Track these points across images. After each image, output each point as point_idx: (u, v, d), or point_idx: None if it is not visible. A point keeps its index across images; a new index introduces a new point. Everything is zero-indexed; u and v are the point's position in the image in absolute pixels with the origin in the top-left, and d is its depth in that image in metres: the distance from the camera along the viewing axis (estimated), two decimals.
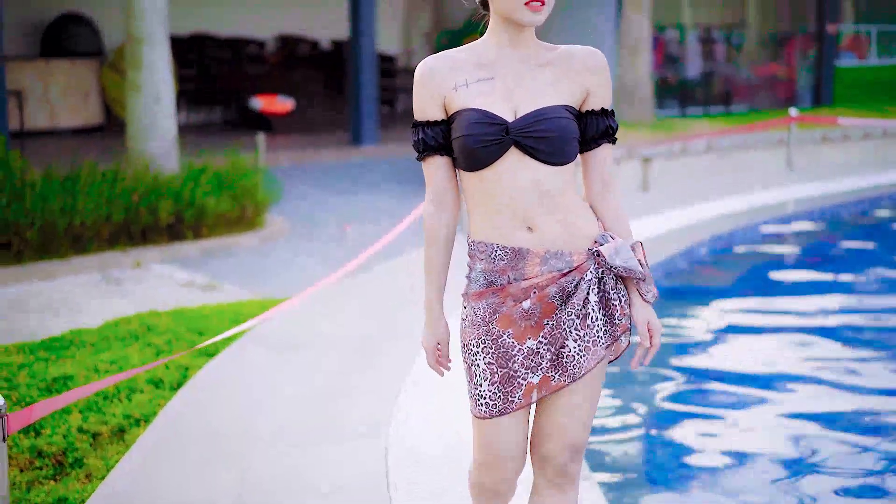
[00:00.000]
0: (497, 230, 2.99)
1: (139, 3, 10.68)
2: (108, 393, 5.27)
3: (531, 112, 2.96)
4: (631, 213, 10.22)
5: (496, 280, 3.00)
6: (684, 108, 19.94)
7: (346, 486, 4.32)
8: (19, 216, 9.11)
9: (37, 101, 17.05)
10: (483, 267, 3.02)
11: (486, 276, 3.01)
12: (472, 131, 2.93)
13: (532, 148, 2.94)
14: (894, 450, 5.31)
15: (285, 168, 14.52)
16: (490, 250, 3.00)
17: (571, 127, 2.99)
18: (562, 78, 3.02)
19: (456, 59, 3.04)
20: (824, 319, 7.69)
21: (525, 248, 2.98)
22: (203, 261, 9.77)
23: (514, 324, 2.98)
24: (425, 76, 3.03)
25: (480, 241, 3.02)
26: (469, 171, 3.00)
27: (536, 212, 2.97)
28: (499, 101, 2.98)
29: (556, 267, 2.98)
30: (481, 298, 3.01)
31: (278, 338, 6.42)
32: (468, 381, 3.07)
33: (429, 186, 3.10)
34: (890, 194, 12.18)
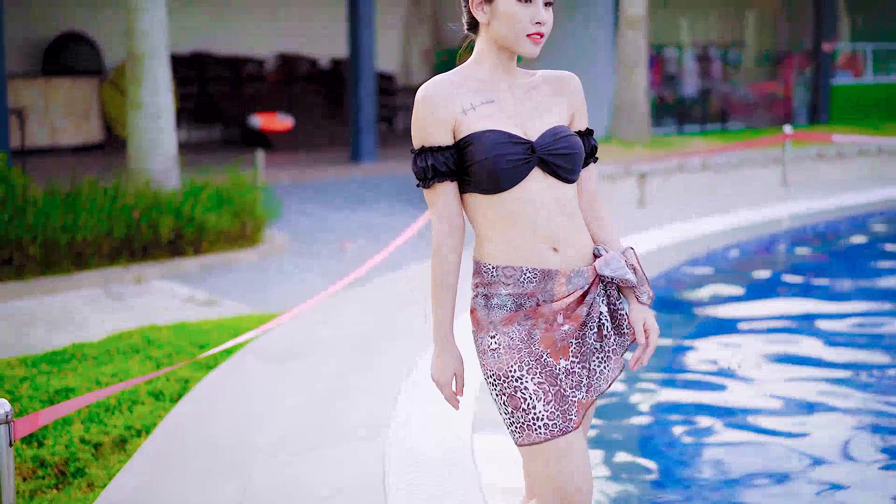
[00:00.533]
0: (523, 253, 2.98)
1: (140, 22, 10.77)
2: (110, 405, 5.35)
3: (546, 131, 3.00)
4: (628, 229, 10.36)
5: (525, 303, 2.99)
6: (682, 126, 20.04)
7: (345, 487, 4.39)
8: (21, 232, 9.19)
9: (38, 118, 17.16)
10: (510, 291, 2.99)
11: (514, 300, 2.99)
12: (498, 151, 2.92)
13: (556, 166, 2.97)
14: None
15: (285, 185, 14.62)
16: (519, 274, 2.98)
17: (579, 144, 3.05)
18: (552, 100, 3.08)
19: (454, 82, 3.04)
20: (817, 332, 7.76)
21: (553, 269, 2.98)
22: (203, 276, 9.85)
23: (553, 345, 2.98)
24: (433, 101, 2.98)
25: (506, 265, 2.99)
26: (489, 195, 2.97)
27: (560, 231, 2.99)
28: (507, 122, 3.00)
29: (578, 285, 3.01)
30: (513, 322, 2.99)
31: (278, 348, 6.49)
32: (512, 412, 2.97)
33: (439, 213, 3.03)
34: (883, 210, 12.27)
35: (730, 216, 11.22)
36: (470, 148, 2.96)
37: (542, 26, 2.98)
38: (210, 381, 5.80)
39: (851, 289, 9.26)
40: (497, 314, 2.99)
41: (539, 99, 3.07)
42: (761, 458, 5.38)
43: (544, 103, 3.07)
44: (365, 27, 16.48)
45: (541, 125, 3.02)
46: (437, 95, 2.98)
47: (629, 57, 16.08)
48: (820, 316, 8.25)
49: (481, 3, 3.03)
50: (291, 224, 12.06)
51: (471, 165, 2.96)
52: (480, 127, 2.96)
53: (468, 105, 2.99)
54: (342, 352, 6.42)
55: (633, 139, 15.72)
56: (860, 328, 8.00)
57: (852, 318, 8.30)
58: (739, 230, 10.59)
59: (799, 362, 7.04)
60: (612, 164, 13.11)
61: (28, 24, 18.20)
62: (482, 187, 2.96)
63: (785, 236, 10.89)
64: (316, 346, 6.54)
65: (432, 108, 2.98)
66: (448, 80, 3.03)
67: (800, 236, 11.04)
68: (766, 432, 5.77)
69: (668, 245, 9.82)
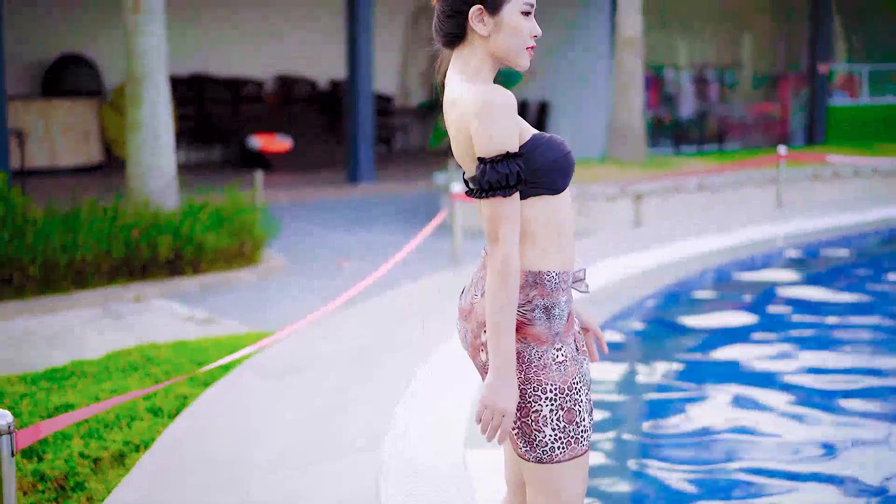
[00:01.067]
0: (570, 255, 2.99)
1: (140, 43, 10.87)
2: (109, 420, 5.40)
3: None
4: (623, 248, 10.44)
5: (571, 308, 2.99)
6: (678, 147, 20.16)
7: (344, 500, 4.44)
8: (21, 252, 9.26)
9: (38, 139, 17.25)
10: (566, 298, 2.96)
11: (568, 307, 2.97)
12: (567, 149, 2.95)
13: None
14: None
15: (283, 205, 14.70)
16: (566, 278, 2.97)
17: None
18: None
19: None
20: (808, 352, 7.83)
21: (576, 269, 3.06)
22: (202, 295, 9.92)
23: (583, 348, 3.03)
24: (513, 107, 2.86)
25: (563, 271, 2.95)
26: (555, 195, 2.92)
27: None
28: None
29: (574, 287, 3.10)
30: (569, 331, 2.97)
31: (276, 364, 6.54)
32: (565, 427, 2.90)
33: (513, 224, 2.86)
34: (876, 230, 12.36)
35: (723, 235, 11.30)
36: (539, 150, 2.90)
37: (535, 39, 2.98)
38: (208, 396, 5.85)
39: (844, 308, 9.33)
40: (558, 324, 2.92)
41: None
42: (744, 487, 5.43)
43: None
44: (363, 49, 16.60)
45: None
46: (514, 103, 2.87)
47: (625, 79, 16.20)
48: (811, 337, 8.32)
49: (483, 14, 2.95)
50: (290, 244, 12.13)
51: (541, 167, 2.89)
52: (532, 130, 2.95)
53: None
54: (341, 366, 6.47)
55: (629, 160, 15.83)
56: (853, 346, 8.08)
57: (846, 335, 8.37)
58: (733, 249, 10.66)
59: (791, 382, 7.10)
60: (608, 185, 13.18)
61: (28, 45, 18.31)
62: (554, 187, 2.91)
63: (778, 255, 10.97)
64: (315, 361, 6.60)
65: (514, 113, 2.86)
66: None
67: (793, 255, 11.11)
68: (761, 443, 5.83)
69: (663, 263, 9.89)
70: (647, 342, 8.22)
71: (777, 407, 6.52)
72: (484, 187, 2.83)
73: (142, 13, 10.81)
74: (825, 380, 7.11)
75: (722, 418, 6.35)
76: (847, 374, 7.26)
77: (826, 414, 6.37)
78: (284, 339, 6.87)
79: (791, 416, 6.38)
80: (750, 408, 6.54)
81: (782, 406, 6.53)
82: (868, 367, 7.54)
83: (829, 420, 6.27)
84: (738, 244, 10.87)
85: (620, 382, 7.19)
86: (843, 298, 9.61)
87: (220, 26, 20.86)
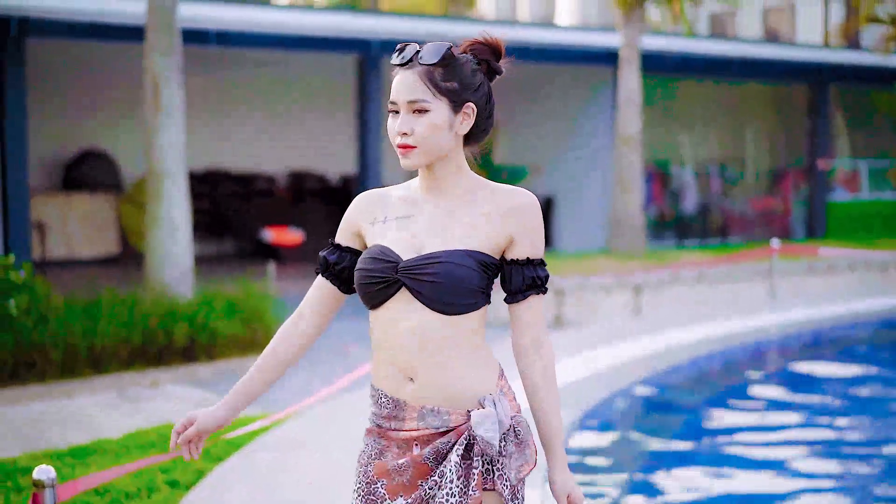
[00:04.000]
0: (384, 376, 2.91)
1: (160, 141, 11.38)
2: (130, 492, 5.82)
3: (424, 254, 2.86)
4: (620, 335, 10.85)
5: (382, 424, 2.92)
6: (682, 240, 20.65)
7: None
8: (44, 338, 9.69)
9: (58, 231, 17.72)
10: (374, 411, 2.95)
11: (374, 418, 2.95)
12: (364, 265, 2.88)
13: (417, 291, 2.82)
14: None
15: (295, 297, 15.11)
16: (378, 396, 2.93)
17: (463, 275, 2.82)
18: (481, 221, 2.90)
19: (390, 194, 3.00)
20: (797, 436, 8.14)
21: (403, 400, 2.87)
22: (216, 381, 10.32)
23: (388, 475, 2.86)
24: (353, 205, 3.02)
25: (372, 383, 2.96)
26: (369, 310, 2.93)
27: (417, 362, 2.84)
28: (407, 240, 2.90)
29: (432, 424, 2.84)
30: (371, 434, 2.95)
31: (282, 440, 6.96)
32: None
33: (305, 297, 3.09)
34: (865, 321, 12.78)
35: (717, 325, 11.72)
36: (359, 261, 2.95)
37: (404, 137, 2.85)
38: (221, 470, 6.27)
39: (835, 393, 9.68)
40: (368, 424, 2.98)
41: (462, 219, 2.91)
42: None
43: (465, 223, 2.90)
44: (372, 145, 17.15)
45: (433, 246, 2.88)
46: (358, 201, 3.01)
47: (624, 174, 16.76)
48: (796, 418, 8.65)
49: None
50: None
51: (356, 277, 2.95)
52: (375, 240, 2.93)
53: (381, 217, 2.96)
54: (342, 443, 6.87)
55: (628, 252, 16.31)
56: (840, 433, 8.38)
57: (836, 422, 8.68)
58: (725, 338, 11.06)
59: (780, 464, 7.41)
60: (606, 276, 13.64)
61: (50, 141, 18.90)
62: (361, 300, 2.95)
63: (770, 344, 11.37)
64: (319, 438, 7.00)
65: (349, 211, 3.02)
66: (376, 193, 3.03)
67: (784, 344, 11.52)
68: None
69: (658, 351, 10.29)
70: (635, 425, 8.58)
71: (757, 480, 6.85)
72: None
73: (162, 112, 11.36)
74: (814, 461, 7.41)
75: (704, 492, 6.69)
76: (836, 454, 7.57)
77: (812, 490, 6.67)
78: (292, 418, 7.29)
79: (770, 491, 6.72)
80: (729, 479, 6.87)
81: (763, 479, 6.87)
82: (853, 447, 7.84)
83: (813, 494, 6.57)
84: (730, 333, 11.28)
85: (608, 461, 7.55)
86: (827, 383, 9.97)
87: (234, 123, 21.49)
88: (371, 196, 3.02)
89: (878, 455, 7.77)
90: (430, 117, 2.83)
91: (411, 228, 2.91)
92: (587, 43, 18.70)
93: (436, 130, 2.85)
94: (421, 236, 2.89)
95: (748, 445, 7.90)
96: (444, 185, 2.93)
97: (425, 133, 2.83)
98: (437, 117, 2.83)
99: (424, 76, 2.85)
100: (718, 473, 7.14)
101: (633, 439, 8.17)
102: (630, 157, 16.74)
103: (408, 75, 2.86)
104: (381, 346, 2.91)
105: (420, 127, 2.83)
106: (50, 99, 18.66)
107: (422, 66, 2.86)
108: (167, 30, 11.32)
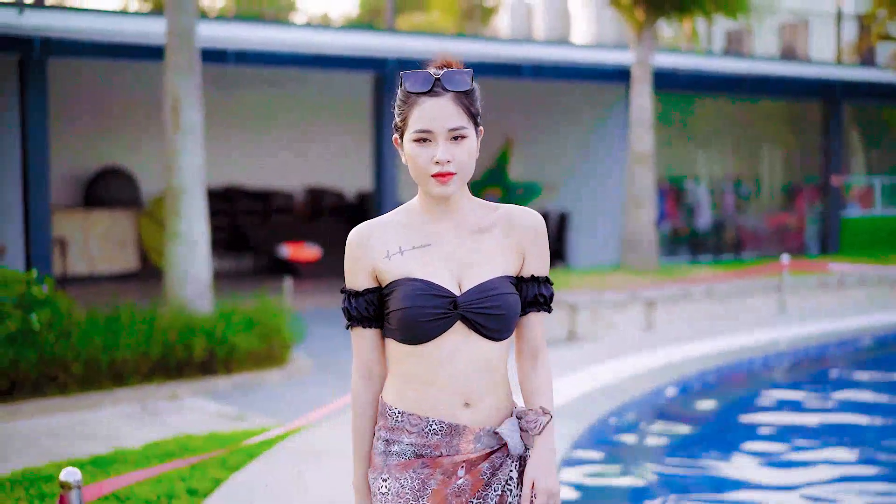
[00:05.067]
0: (432, 404, 2.86)
1: (179, 160, 11.61)
2: (151, 500, 6.02)
3: (477, 286, 2.87)
4: (630, 349, 11.01)
5: (426, 453, 2.87)
6: (696, 256, 20.81)
7: None
8: (65, 352, 9.91)
9: (78, 247, 17.96)
10: (413, 441, 2.87)
11: (415, 449, 2.88)
12: (415, 303, 2.81)
13: (479, 325, 2.84)
14: None
15: (311, 312, 15.34)
16: (424, 424, 2.86)
17: (514, 302, 2.90)
18: (502, 245, 2.94)
19: (389, 223, 2.93)
20: (802, 446, 8.24)
21: (462, 424, 2.86)
22: (233, 394, 10.53)
23: (445, 500, 2.85)
24: (353, 245, 2.91)
25: (412, 413, 2.88)
26: (407, 345, 2.87)
27: (475, 388, 2.86)
28: (440, 270, 2.87)
29: (487, 444, 2.89)
30: (407, 469, 2.87)
31: (297, 450, 7.15)
32: None
33: (356, 358, 2.98)
34: (872, 335, 12.92)
35: (726, 338, 11.88)
36: (391, 296, 2.87)
37: (446, 165, 2.83)
38: (237, 479, 6.47)
39: (835, 407, 9.81)
40: (392, 459, 2.89)
41: (487, 241, 2.94)
42: None
43: (491, 247, 2.94)
44: (388, 162, 17.34)
45: (478, 275, 2.89)
46: (360, 240, 2.91)
47: (637, 192, 16.96)
48: (799, 426, 8.78)
49: (397, 142, 2.96)
50: (316, 347, 12.74)
51: (389, 314, 2.87)
52: (405, 273, 2.86)
53: (395, 249, 2.89)
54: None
55: (641, 268, 16.51)
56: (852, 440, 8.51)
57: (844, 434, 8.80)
58: (729, 353, 11.23)
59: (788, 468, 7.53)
60: (618, 292, 13.82)
61: (71, 159, 19.17)
62: (400, 337, 2.86)
63: (778, 357, 11.53)
64: (334, 447, 7.20)
65: (353, 251, 2.92)
66: (380, 224, 2.94)
67: (792, 358, 11.67)
68: None
69: (668, 364, 10.44)
70: (640, 440, 8.74)
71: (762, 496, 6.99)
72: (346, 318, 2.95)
73: (181, 132, 11.59)
74: (821, 470, 7.53)
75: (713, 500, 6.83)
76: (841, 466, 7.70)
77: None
78: (305, 430, 7.48)
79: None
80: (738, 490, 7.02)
81: (767, 496, 7.01)
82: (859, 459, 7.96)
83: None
84: (737, 347, 11.44)
85: (612, 473, 7.71)
86: (834, 398, 10.11)
87: (252, 141, 21.76)
88: (369, 231, 2.93)
89: (888, 462, 7.85)
90: (467, 143, 2.84)
91: (437, 257, 2.89)
92: (601, 61, 18.90)
93: (472, 156, 2.87)
94: (453, 265, 2.89)
95: (754, 456, 8.03)
96: (458, 210, 2.93)
97: (465, 160, 2.84)
98: (472, 143, 2.85)
99: (458, 103, 2.85)
100: (724, 484, 7.28)
101: (635, 453, 8.30)
102: (642, 175, 16.93)
103: (442, 103, 2.84)
104: (425, 376, 2.86)
105: (460, 154, 2.83)
106: (71, 117, 18.94)
107: (452, 93, 2.85)
108: (187, 51, 11.55)
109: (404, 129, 2.88)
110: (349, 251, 2.92)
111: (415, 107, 2.86)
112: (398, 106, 2.93)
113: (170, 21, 11.59)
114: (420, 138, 2.83)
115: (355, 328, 2.94)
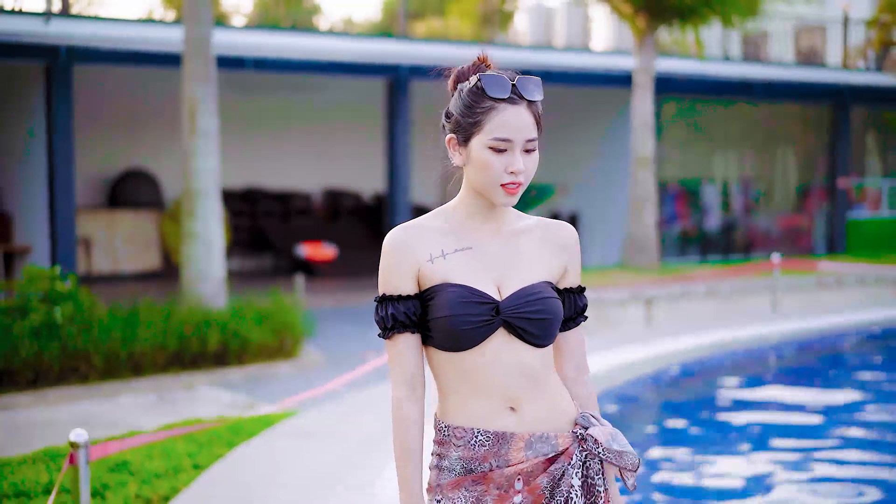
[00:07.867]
0: (477, 413, 2.73)
1: (195, 163, 12.17)
2: (159, 472, 6.58)
3: (519, 290, 2.76)
4: (633, 340, 11.55)
5: (476, 468, 2.73)
6: (705, 256, 21.27)
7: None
8: (87, 344, 10.47)
9: (102, 247, 18.50)
10: (461, 454, 2.74)
11: (463, 463, 2.74)
12: (458, 311, 2.69)
13: (523, 330, 2.73)
14: None
15: (326, 310, 15.84)
16: (469, 436, 2.73)
17: (558, 307, 2.79)
18: (542, 251, 2.86)
19: (427, 227, 2.81)
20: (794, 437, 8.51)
21: (509, 431, 2.72)
22: (246, 385, 11.06)
23: None
24: (394, 247, 2.77)
25: (458, 426, 2.75)
26: (448, 352, 2.75)
27: (521, 393, 2.73)
28: (481, 274, 2.76)
29: (541, 451, 2.74)
30: (459, 488, 2.73)
31: (294, 430, 7.70)
32: None
33: (397, 368, 2.78)
34: (857, 331, 13.39)
35: (720, 332, 12.43)
36: (432, 302, 2.74)
37: (518, 175, 2.72)
38: (237, 453, 7.03)
39: (831, 401, 10.21)
40: (444, 477, 2.77)
41: (527, 247, 2.85)
42: None
43: (531, 253, 2.84)
44: (401, 164, 17.82)
45: (519, 280, 2.78)
46: (401, 243, 2.77)
47: (639, 194, 17.49)
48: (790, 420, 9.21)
49: (456, 144, 2.81)
50: (328, 343, 13.21)
51: (431, 320, 2.74)
52: (446, 279, 2.74)
53: (438, 252, 2.77)
54: (353, 434, 7.60)
55: (643, 267, 17.04)
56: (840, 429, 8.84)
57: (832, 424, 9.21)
58: (724, 344, 11.75)
59: (774, 462, 7.78)
60: (620, 290, 14.32)
61: (96, 161, 19.74)
62: (441, 344, 2.74)
63: (769, 350, 12.04)
64: (339, 426, 7.74)
65: (396, 253, 2.78)
66: (418, 226, 2.81)
67: (783, 351, 12.16)
68: None
69: (667, 352, 10.98)
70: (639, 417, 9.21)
71: (744, 484, 7.35)
72: (382, 326, 2.80)
73: (197, 137, 12.14)
74: (812, 455, 7.84)
75: (700, 478, 7.25)
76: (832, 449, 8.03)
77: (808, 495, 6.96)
78: (301, 414, 8.04)
79: (761, 484, 7.17)
80: (727, 471, 7.42)
81: (749, 484, 7.40)
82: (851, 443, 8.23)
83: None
84: (727, 341, 11.97)
85: None
86: (823, 394, 10.55)
87: (271, 144, 22.28)
88: (414, 231, 2.81)
89: (878, 459, 8.04)
90: (535, 156, 2.75)
91: (478, 262, 2.79)
92: (610, 66, 19.37)
93: (536, 167, 2.79)
94: (495, 270, 2.79)
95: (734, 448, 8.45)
96: (500, 217, 2.84)
97: (532, 171, 2.76)
98: (538, 155, 2.76)
99: (532, 112, 2.78)
100: (708, 472, 7.62)
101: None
102: (644, 178, 17.48)
103: (521, 112, 2.75)
104: (467, 384, 2.75)
105: (531, 165, 2.75)
106: (95, 121, 19.50)
107: (529, 102, 2.77)
108: (203, 59, 12.09)
109: (474, 132, 2.74)
110: (389, 254, 2.78)
111: (493, 112, 2.72)
112: (467, 107, 2.75)
113: (186, 31, 12.13)
114: (498, 147, 2.71)
115: (397, 336, 2.78)
